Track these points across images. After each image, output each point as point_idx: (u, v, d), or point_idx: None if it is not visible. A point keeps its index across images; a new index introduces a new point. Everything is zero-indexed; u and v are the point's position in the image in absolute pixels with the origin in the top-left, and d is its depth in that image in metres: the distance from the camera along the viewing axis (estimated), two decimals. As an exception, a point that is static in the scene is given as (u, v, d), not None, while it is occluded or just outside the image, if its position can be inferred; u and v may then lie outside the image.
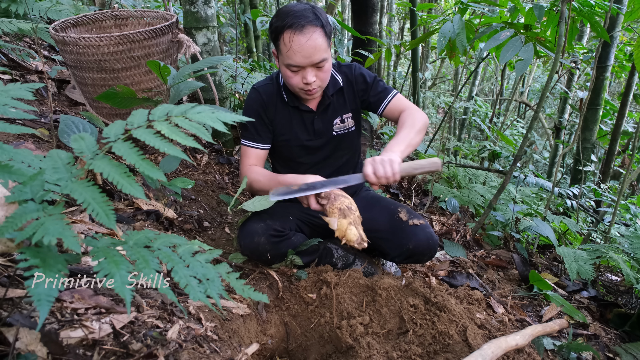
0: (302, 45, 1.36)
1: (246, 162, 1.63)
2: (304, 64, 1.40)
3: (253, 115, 1.57)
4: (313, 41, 1.36)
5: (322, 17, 1.40)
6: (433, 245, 1.58)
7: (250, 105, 1.60)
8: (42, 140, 1.80)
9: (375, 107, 1.68)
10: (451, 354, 1.23)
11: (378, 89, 1.65)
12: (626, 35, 5.33)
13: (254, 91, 1.61)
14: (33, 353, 0.75)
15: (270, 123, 1.62)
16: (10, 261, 0.98)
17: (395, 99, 1.65)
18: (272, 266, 1.58)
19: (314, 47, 1.37)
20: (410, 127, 1.54)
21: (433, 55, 8.16)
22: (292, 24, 1.35)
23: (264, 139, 1.62)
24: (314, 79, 1.44)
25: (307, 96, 1.52)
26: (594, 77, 2.82)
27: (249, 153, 1.62)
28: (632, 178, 2.37)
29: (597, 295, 2.01)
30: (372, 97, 1.66)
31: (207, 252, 0.84)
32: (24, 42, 2.97)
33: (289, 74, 1.44)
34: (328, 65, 1.46)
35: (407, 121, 1.57)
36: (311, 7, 1.41)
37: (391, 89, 1.67)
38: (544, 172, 6.22)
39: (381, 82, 1.68)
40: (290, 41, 1.36)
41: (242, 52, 6.63)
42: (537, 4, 1.91)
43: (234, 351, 1.09)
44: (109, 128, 0.79)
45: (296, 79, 1.45)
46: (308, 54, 1.38)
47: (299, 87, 1.47)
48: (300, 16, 1.36)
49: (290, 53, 1.38)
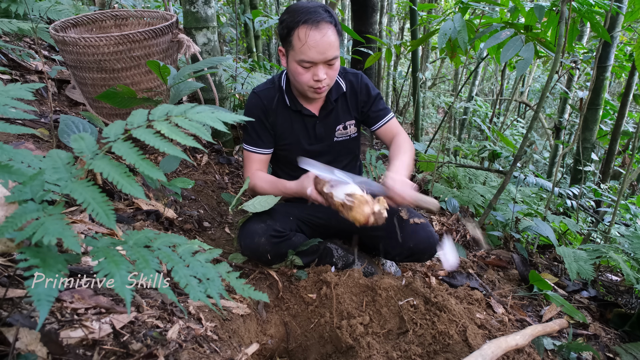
0: (317, 41, 1.36)
1: (250, 167, 1.63)
2: (318, 60, 1.40)
3: (254, 119, 1.57)
4: (328, 37, 1.38)
5: (334, 15, 1.42)
6: (433, 244, 1.58)
7: (250, 110, 1.59)
8: (42, 140, 1.80)
9: (372, 123, 1.70)
10: (451, 354, 1.23)
11: (379, 106, 1.69)
12: (626, 35, 5.33)
13: (254, 96, 1.61)
14: (33, 353, 0.75)
15: (271, 127, 1.62)
16: (10, 261, 0.98)
17: (392, 121, 1.70)
18: (272, 266, 1.58)
19: (328, 43, 1.38)
20: (409, 154, 1.60)
21: (433, 55, 8.16)
22: (308, 19, 1.36)
23: (266, 144, 1.62)
24: (325, 76, 1.44)
25: (315, 95, 1.51)
26: (594, 77, 2.82)
27: (252, 158, 1.63)
28: (632, 178, 2.37)
29: (597, 295, 2.01)
30: (372, 113, 1.68)
31: (207, 252, 0.84)
32: (24, 42, 2.97)
33: (300, 70, 1.44)
34: (338, 64, 1.47)
35: (404, 147, 1.61)
36: (322, 5, 1.42)
37: (389, 110, 1.71)
38: (544, 172, 6.22)
39: (382, 100, 1.71)
40: (305, 36, 1.36)
41: (242, 52, 6.63)
42: (537, 4, 1.91)
43: (234, 351, 1.09)
44: (109, 128, 0.79)
45: (307, 76, 1.44)
46: (323, 50, 1.38)
47: (309, 84, 1.46)
48: (314, 12, 1.37)
49: (305, 48, 1.38)
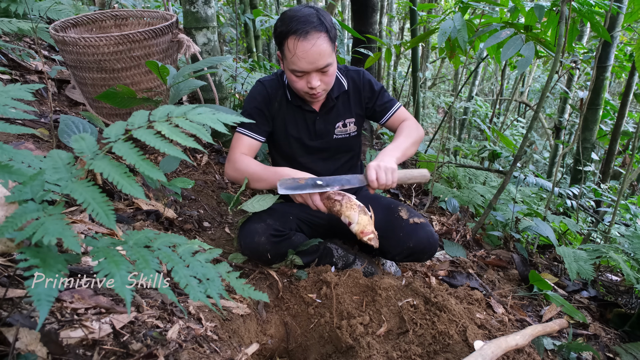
0: (306, 52, 1.36)
1: (237, 149, 1.57)
2: (309, 70, 1.40)
3: (255, 105, 1.57)
4: (317, 47, 1.36)
5: (326, 21, 1.40)
6: (433, 244, 1.58)
7: (254, 96, 1.59)
8: (42, 140, 1.80)
9: (379, 116, 1.71)
10: (451, 354, 1.23)
11: (384, 99, 1.69)
12: (626, 35, 5.33)
13: (260, 84, 1.61)
14: (33, 353, 0.75)
15: (271, 117, 1.62)
16: (10, 261, 0.98)
17: (400, 111, 1.70)
18: (272, 266, 1.58)
19: (318, 52, 1.37)
20: (408, 136, 1.60)
21: (433, 55, 8.16)
22: (297, 29, 1.34)
23: (261, 131, 1.60)
24: (319, 83, 1.44)
25: (312, 99, 1.53)
26: (594, 77, 2.82)
27: (242, 141, 1.58)
28: (632, 178, 2.37)
29: (597, 295, 2.01)
30: (378, 107, 1.69)
31: (207, 252, 0.84)
32: (24, 42, 2.97)
33: (294, 78, 1.45)
34: (333, 70, 1.46)
35: (405, 130, 1.63)
36: (315, 11, 1.40)
37: (396, 101, 1.71)
38: (544, 172, 6.22)
39: (386, 92, 1.71)
40: (294, 47, 1.36)
41: (242, 52, 6.63)
42: (537, 4, 1.91)
43: (234, 351, 1.09)
44: (109, 128, 0.79)
45: (301, 84, 1.45)
46: (312, 60, 1.38)
47: (304, 91, 1.48)
48: (304, 21, 1.35)
49: (295, 59, 1.37)
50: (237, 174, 1.55)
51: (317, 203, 1.39)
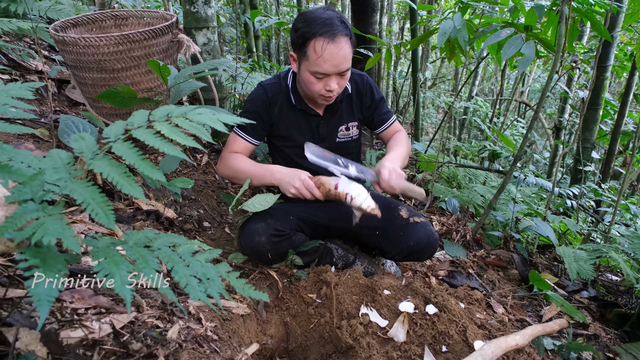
0: (333, 55, 1.36)
1: (231, 148, 1.61)
2: (332, 72, 1.41)
3: (255, 109, 1.58)
4: (344, 51, 1.37)
5: (348, 25, 1.41)
6: (434, 243, 1.58)
7: (254, 100, 1.60)
8: (42, 140, 1.80)
9: (376, 126, 1.74)
10: (451, 354, 1.23)
11: (383, 109, 1.72)
12: (626, 35, 5.32)
13: (260, 87, 1.61)
14: (33, 353, 0.75)
15: (269, 122, 1.62)
16: (10, 261, 0.98)
17: (395, 124, 1.75)
18: (273, 266, 1.58)
19: (343, 56, 1.38)
20: (406, 148, 1.67)
21: (433, 55, 8.16)
22: (325, 32, 1.34)
23: (257, 135, 1.62)
24: (337, 86, 1.45)
25: (324, 101, 1.53)
26: (594, 77, 2.82)
27: (237, 142, 1.61)
28: (632, 178, 2.37)
29: (597, 295, 2.01)
30: (377, 117, 1.72)
31: (207, 252, 0.84)
32: (24, 42, 2.97)
33: (313, 80, 1.44)
34: (349, 73, 1.48)
35: (403, 142, 1.69)
36: (337, 14, 1.41)
37: (392, 112, 1.75)
38: (544, 172, 6.21)
39: (385, 102, 1.74)
40: (322, 49, 1.35)
41: (242, 52, 6.63)
42: (537, 3, 1.91)
43: (234, 351, 1.09)
44: (109, 128, 0.79)
45: (319, 86, 1.45)
46: (337, 63, 1.38)
47: (320, 93, 1.47)
48: (330, 24, 1.35)
49: (320, 61, 1.37)
50: (229, 171, 1.60)
51: (315, 191, 1.42)
